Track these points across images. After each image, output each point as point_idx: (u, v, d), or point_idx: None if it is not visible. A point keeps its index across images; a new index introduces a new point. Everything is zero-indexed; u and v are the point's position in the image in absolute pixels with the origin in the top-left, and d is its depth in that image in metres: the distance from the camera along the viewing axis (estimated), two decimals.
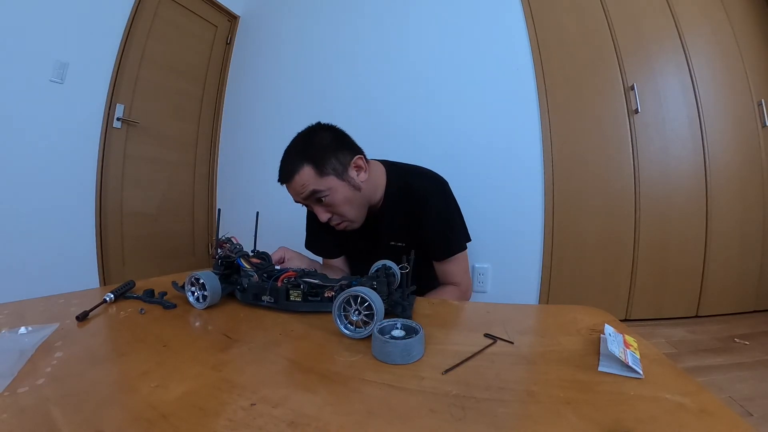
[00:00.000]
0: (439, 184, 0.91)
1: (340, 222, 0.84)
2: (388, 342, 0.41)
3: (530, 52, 1.62)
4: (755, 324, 1.55)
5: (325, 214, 0.81)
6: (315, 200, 0.80)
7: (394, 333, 0.44)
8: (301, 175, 0.77)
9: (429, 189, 0.90)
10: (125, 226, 1.86)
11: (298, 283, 0.57)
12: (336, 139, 0.83)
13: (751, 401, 0.99)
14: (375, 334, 0.43)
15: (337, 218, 0.83)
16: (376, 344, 0.42)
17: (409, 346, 0.41)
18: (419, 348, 0.42)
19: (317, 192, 0.78)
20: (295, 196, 0.81)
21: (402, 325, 0.45)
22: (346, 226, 0.85)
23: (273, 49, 2.17)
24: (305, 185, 0.77)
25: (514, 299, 1.61)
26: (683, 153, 1.59)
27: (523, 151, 1.61)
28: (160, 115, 2.01)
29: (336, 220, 0.83)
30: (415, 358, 0.41)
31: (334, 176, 0.79)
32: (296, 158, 0.79)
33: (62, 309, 0.56)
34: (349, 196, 0.81)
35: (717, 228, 1.60)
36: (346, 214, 0.82)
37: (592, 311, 0.56)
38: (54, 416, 0.31)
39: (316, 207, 0.81)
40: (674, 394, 0.34)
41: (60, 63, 1.54)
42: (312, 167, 0.77)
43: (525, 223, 1.61)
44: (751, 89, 1.64)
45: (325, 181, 0.78)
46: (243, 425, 0.30)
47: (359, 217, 0.86)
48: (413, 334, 0.43)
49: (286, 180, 0.80)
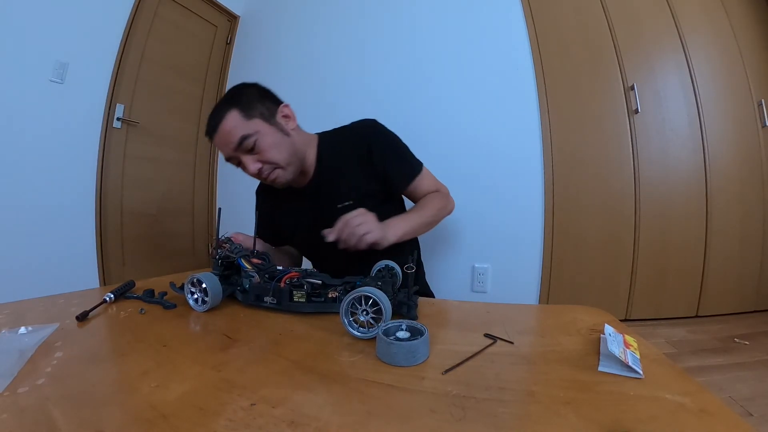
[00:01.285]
0: (370, 119, 0.92)
1: (271, 171, 0.80)
2: (392, 343, 0.40)
3: (530, 52, 1.62)
4: (755, 324, 1.55)
5: (255, 164, 0.78)
6: (243, 150, 0.77)
7: (398, 334, 0.43)
8: (228, 120, 0.75)
9: (365, 123, 0.91)
10: (125, 226, 1.86)
11: (302, 284, 0.56)
12: (261, 91, 0.84)
13: (751, 401, 0.99)
14: (380, 336, 0.42)
15: (268, 168, 0.79)
16: (381, 345, 0.42)
17: (414, 347, 0.41)
18: (424, 350, 0.42)
19: (245, 137, 0.75)
20: (224, 148, 0.78)
21: (407, 326, 0.45)
22: (277, 175, 0.81)
23: (273, 49, 2.17)
24: (233, 131, 0.75)
25: (514, 299, 1.61)
26: (683, 153, 1.59)
27: (523, 151, 1.61)
28: (160, 115, 2.01)
29: (266, 170, 0.79)
30: (420, 360, 0.41)
31: (260, 120, 0.78)
32: (222, 107, 0.77)
33: (62, 309, 0.56)
34: (278, 141, 0.79)
35: (717, 228, 1.59)
36: (276, 158, 0.79)
37: (592, 311, 0.56)
38: (54, 416, 0.31)
39: (245, 158, 0.78)
40: (674, 394, 0.34)
41: (60, 63, 1.54)
42: (238, 111, 0.76)
43: (525, 223, 1.61)
44: (751, 89, 1.63)
45: (252, 124, 0.76)
46: (243, 425, 0.30)
47: (290, 165, 0.82)
48: (418, 335, 0.42)
49: (213, 130, 0.77)
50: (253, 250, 0.67)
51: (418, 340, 0.41)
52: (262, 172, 0.79)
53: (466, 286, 1.67)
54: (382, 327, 0.44)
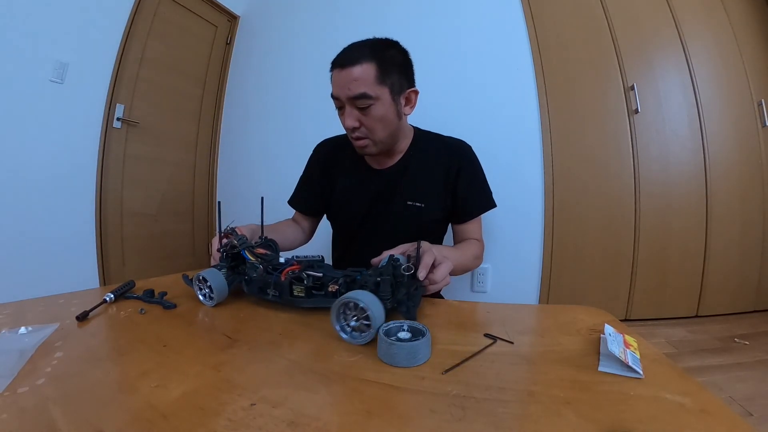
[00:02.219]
0: (467, 143, 0.92)
1: (364, 137, 0.77)
2: (393, 344, 0.40)
3: (530, 52, 1.62)
4: (755, 324, 1.55)
5: (354, 122, 0.75)
6: (355, 104, 0.73)
7: (400, 335, 0.43)
8: (363, 69, 0.71)
9: (464, 146, 0.90)
10: (125, 226, 1.86)
11: (301, 277, 0.55)
12: (406, 62, 0.80)
13: (751, 401, 0.99)
14: (381, 336, 0.42)
15: (364, 131, 0.76)
16: (382, 346, 0.42)
17: (415, 348, 0.40)
18: (425, 351, 0.42)
19: (365, 96, 0.71)
20: (339, 87, 0.73)
21: (408, 326, 0.44)
22: (366, 144, 0.78)
23: (273, 49, 2.17)
24: (360, 81, 0.71)
25: (514, 299, 1.61)
26: (683, 153, 1.59)
27: (523, 151, 1.61)
28: (160, 115, 2.01)
29: (361, 133, 0.77)
30: (421, 360, 0.41)
31: (388, 90, 0.74)
32: (365, 51, 0.72)
33: (62, 309, 0.56)
34: (389, 117, 0.76)
35: (717, 228, 1.60)
36: (377, 131, 0.76)
37: (592, 311, 0.56)
38: (54, 416, 0.31)
39: (350, 110, 0.74)
40: (674, 394, 0.34)
41: (60, 63, 1.54)
42: (376, 68, 0.71)
43: (525, 223, 1.61)
44: (751, 89, 1.64)
45: (379, 89, 0.73)
46: (243, 425, 0.30)
47: (384, 143, 0.80)
48: (419, 336, 0.42)
49: (345, 64, 0.71)
50: (261, 236, 0.66)
51: (420, 341, 0.41)
52: (355, 132, 0.77)
53: (466, 286, 1.67)
54: (384, 327, 0.44)
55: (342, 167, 0.92)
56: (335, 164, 0.93)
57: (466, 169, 0.87)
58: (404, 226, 0.86)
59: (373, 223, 0.88)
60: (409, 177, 0.86)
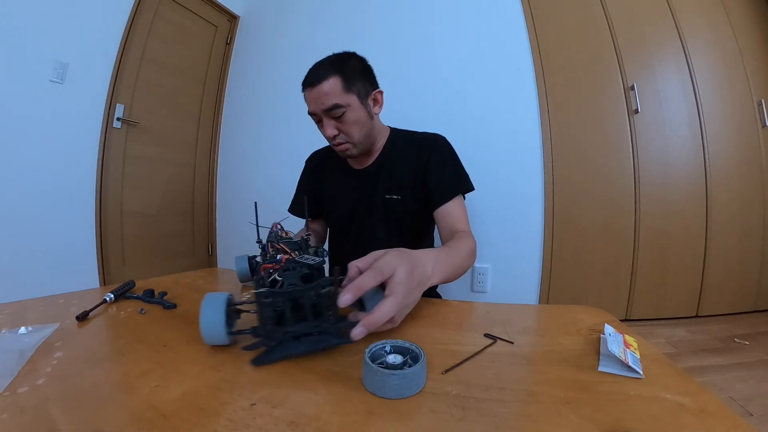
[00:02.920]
0: (442, 136, 0.97)
1: (344, 142, 0.86)
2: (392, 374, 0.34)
3: (530, 52, 1.62)
4: (755, 324, 1.55)
5: (333, 130, 0.84)
6: (330, 115, 0.82)
7: (389, 359, 0.36)
8: (329, 83, 0.79)
9: (436, 137, 0.96)
10: (125, 226, 1.86)
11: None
12: (365, 69, 0.88)
13: (751, 401, 0.99)
14: (365, 361, 0.35)
15: (343, 137, 0.85)
16: (367, 374, 0.35)
17: (408, 378, 0.34)
18: (420, 378, 0.35)
19: (337, 106, 0.80)
20: (313, 104, 0.83)
21: (392, 347, 0.38)
22: (347, 148, 0.87)
23: (273, 49, 2.17)
24: (329, 95, 0.80)
25: (514, 299, 1.61)
26: (683, 153, 1.59)
27: (523, 151, 1.61)
28: (160, 115, 2.01)
29: (341, 139, 0.85)
30: (415, 390, 0.34)
31: (356, 96, 0.83)
32: (328, 68, 0.81)
33: (62, 309, 0.56)
34: (362, 119, 0.85)
35: (717, 228, 1.60)
36: (354, 134, 0.85)
37: (592, 311, 0.56)
38: (54, 416, 0.31)
39: (327, 121, 0.83)
40: (674, 394, 0.34)
41: (60, 63, 1.54)
42: (341, 80, 0.80)
43: (525, 223, 1.61)
44: (751, 89, 1.64)
45: (347, 97, 0.81)
46: (243, 425, 0.30)
47: (362, 144, 0.88)
48: (411, 360, 0.36)
49: (313, 83, 0.81)
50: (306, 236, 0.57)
51: (413, 368, 0.34)
52: (335, 139, 0.85)
53: (466, 286, 1.67)
54: (368, 351, 0.37)
55: (329, 173, 1.02)
56: (323, 171, 1.03)
57: (436, 156, 0.90)
58: (385, 220, 0.92)
59: (359, 220, 0.95)
60: (386, 172, 0.93)
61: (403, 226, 0.92)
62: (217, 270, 1.24)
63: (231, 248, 2.26)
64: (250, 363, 0.40)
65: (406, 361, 0.36)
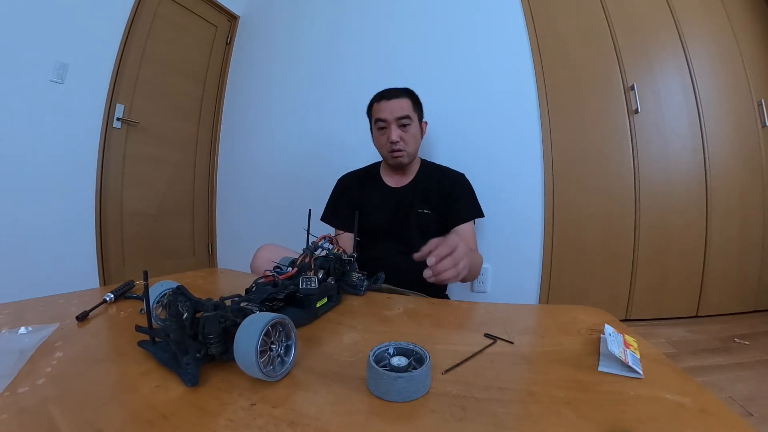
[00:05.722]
0: (464, 175, 1.20)
1: (402, 150, 1.07)
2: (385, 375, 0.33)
3: (530, 52, 1.62)
4: (755, 324, 1.55)
5: (398, 136, 1.05)
6: (399, 123, 1.06)
7: (393, 361, 0.36)
8: (404, 101, 1.07)
9: (460, 175, 1.20)
10: (125, 226, 1.86)
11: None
12: (421, 103, 1.16)
13: (751, 401, 0.99)
14: (369, 363, 0.35)
15: (402, 145, 1.06)
16: (371, 376, 0.35)
17: (413, 381, 0.34)
18: (426, 381, 0.35)
19: (408, 118, 1.06)
20: (388, 112, 1.06)
21: (396, 349, 0.38)
22: (402, 155, 1.08)
23: (273, 49, 2.17)
24: (404, 107, 1.06)
25: (514, 299, 1.61)
26: (683, 153, 1.59)
27: (523, 151, 1.61)
28: (160, 115, 2.01)
29: (401, 146, 1.06)
30: (421, 393, 0.34)
31: (417, 117, 1.11)
32: (401, 91, 1.10)
33: (62, 309, 0.56)
34: (418, 136, 1.12)
35: (717, 228, 1.59)
36: (410, 145, 1.08)
37: (592, 311, 0.56)
38: (54, 416, 0.31)
39: (395, 129, 1.05)
40: (674, 394, 0.34)
41: (60, 63, 1.54)
42: (411, 101, 1.09)
43: (525, 223, 1.61)
44: (751, 89, 1.63)
45: (414, 115, 1.08)
46: (243, 425, 0.30)
47: (411, 156, 1.11)
48: (416, 362, 0.35)
49: (391, 96, 1.07)
50: (354, 253, 0.75)
51: (419, 371, 0.34)
52: (396, 145, 1.06)
53: (466, 286, 1.67)
54: (372, 353, 0.37)
55: (367, 190, 1.20)
56: (361, 188, 1.21)
57: (458, 187, 1.15)
58: (416, 229, 1.10)
59: (396, 227, 1.13)
60: (420, 191, 1.14)
61: (429, 233, 1.00)
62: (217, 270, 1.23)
63: (231, 248, 2.26)
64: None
65: (411, 363, 0.36)
